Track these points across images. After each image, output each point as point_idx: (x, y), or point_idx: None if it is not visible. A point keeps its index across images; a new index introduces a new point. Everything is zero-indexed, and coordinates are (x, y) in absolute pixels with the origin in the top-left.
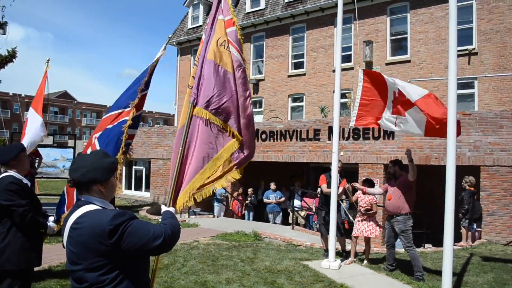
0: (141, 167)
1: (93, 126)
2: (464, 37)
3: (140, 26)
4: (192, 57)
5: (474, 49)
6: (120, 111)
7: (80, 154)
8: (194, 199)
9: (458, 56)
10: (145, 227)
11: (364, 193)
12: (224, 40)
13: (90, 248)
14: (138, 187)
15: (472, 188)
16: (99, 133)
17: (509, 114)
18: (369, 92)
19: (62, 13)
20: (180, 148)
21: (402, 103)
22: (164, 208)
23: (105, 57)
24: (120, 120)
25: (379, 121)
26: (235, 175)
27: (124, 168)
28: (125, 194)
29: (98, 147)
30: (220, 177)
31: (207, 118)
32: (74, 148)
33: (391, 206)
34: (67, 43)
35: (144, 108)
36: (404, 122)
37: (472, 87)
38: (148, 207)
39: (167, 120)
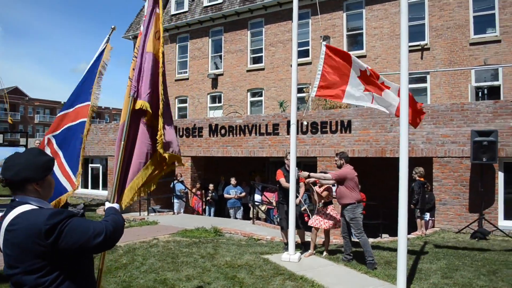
0: (98, 165)
1: (47, 123)
2: (417, 32)
3: (96, 19)
4: None
5: (426, 44)
6: (76, 107)
7: (15, 153)
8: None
9: (411, 51)
10: (84, 224)
11: (315, 184)
12: (157, 31)
13: (27, 250)
14: (95, 186)
15: (422, 179)
16: (56, 132)
17: (459, 107)
18: (330, 66)
19: (11, 4)
20: (122, 142)
21: (376, 83)
22: (108, 205)
23: (58, 52)
24: (80, 120)
25: (344, 99)
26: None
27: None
28: (82, 192)
29: (56, 147)
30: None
31: (150, 111)
32: (26, 146)
33: (338, 197)
34: (17, 36)
35: (100, 104)
36: (380, 101)
37: (425, 81)
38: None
39: None
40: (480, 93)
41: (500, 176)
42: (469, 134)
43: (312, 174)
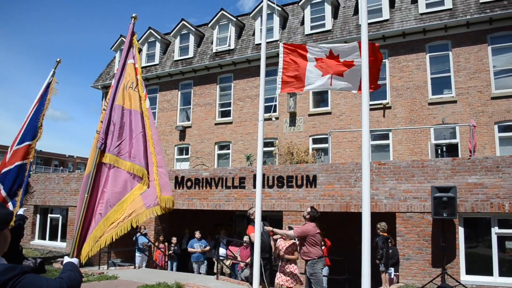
0: (58, 215)
1: None
2: (379, 92)
3: (63, 65)
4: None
5: (388, 103)
6: (18, 147)
7: None
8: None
9: (374, 109)
10: (38, 282)
11: (274, 234)
12: (132, 82)
13: None
14: (53, 237)
15: (385, 234)
16: None
17: (419, 164)
18: (289, 62)
19: None
20: (86, 195)
21: (337, 65)
22: (66, 259)
23: (21, 98)
24: (19, 162)
25: (304, 88)
26: (143, 216)
27: (38, 216)
28: (39, 244)
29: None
30: (123, 221)
31: (117, 165)
32: None
33: (301, 252)
34: None
35: (64, 152)
36: (340, 81)
37: (387, 138)
38: (63, 259)
39: None
40: (439, 150)
41: (460, 231)
42: (429, 190)
43: (275, 230)
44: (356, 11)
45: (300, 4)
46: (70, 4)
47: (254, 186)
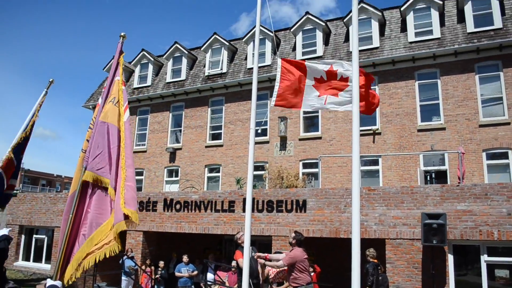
0: (43, 236)
1: None
2: (369, 118)
3: (56, 85)
4: None
5: (378, 129)
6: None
7: None
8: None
9: (364, 135)
10: None
11: (266, 259)
12: (114, 97)
13: None
14: (37, 258)
15: (375, 260)
16: None
17: (409, 190)
18: (287, 79)
19: None
20: (70, 216)
21: (334, 84)
22: (49, 282)
23: (9, 114)
24: None
25: (302, 107)
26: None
27: (23, 236)
28: (23, 265)
29: None
30: (108, 243)
31: (97, 182)
32: None
33: (289, 278)
34: None
35: (52, 172)
36: (335, 102)
37: (377, 164)
38: (46, 282)
39: None
40: (428, 176)
41: (450, 259)
42: (419, 217)
43: (267, 258)
44: (347, 38)
45: (292, 30)
46: (63, 23)
47: (244, 210)
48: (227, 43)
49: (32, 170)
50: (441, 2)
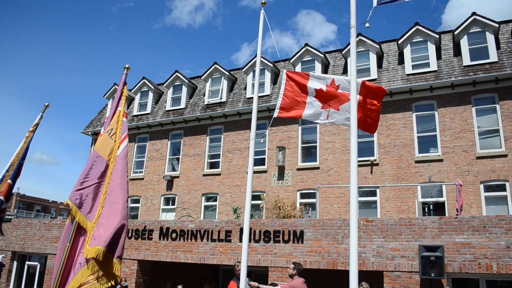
0: (36, 263)
1: None
2: (366, 149)
3: (53, 110)
4: None
5: (375, 160)
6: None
7: None
8: None
9: (362, 166)
10: None
11: None
12: (112, 128)
13: None
14: (29, 286)
15: None
16: None
17: (407, 222)
18: (290, 90)
19: None
20: (67, 244)
21: (335, 97)
22: None
23: (9, 140)
24: None
25: (303, 116)
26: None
27: (15, 262)
28: None
29: None
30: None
31: (75, 214)
32: None
33: None
34: None
35: (47, 198)
36: (337, 115)
37: (375, 195)
38: None
39: None
40: (426, 208)
41: None
42: (417, 249)
43: (262, 286)
44: (345, 70)
45: (291, 61)
46: (64, 48)
47: (240, 240)
48: (227, 73)
49: (28, 196)
50: (437, 36)
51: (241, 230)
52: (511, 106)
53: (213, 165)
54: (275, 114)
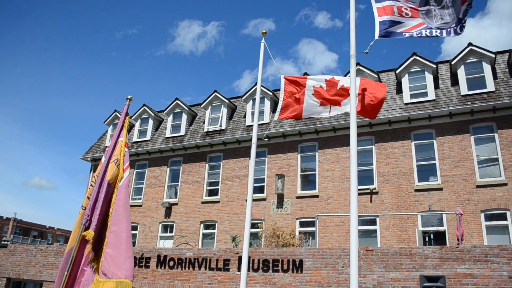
0: None
1: None
2: (366, 177)
3: (55, 136)
4: None
5: (375, 188)
6: None
7: None
8: None
9: (361, 194)
10: None
11: None
12: (117, 158)
13: None
14: None
15: None
16: None
17: (407, 251)
18: (289, 92)
19: None
20: (66, 273)
21: (336, 93)
22: None
23: (7, 164)
24: None
25: (303, 115)
26: None
27: None
28: None
29: None
30: None
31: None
32: None
33: None
34: None
35: (44, 223)
36: (339, 109)
37: (375, 224)
38: None
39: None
40: (427, 237)
41: None
42: (418, 279)
43: None
44: None
45: None
46: (64, 73)
47: (239, 269)
48: (227, 101)
49: (24, 221)
50: (434, 66)
51: (240, 258)
52: (509, 135)
53: (212, 193)
54: (276, 117)
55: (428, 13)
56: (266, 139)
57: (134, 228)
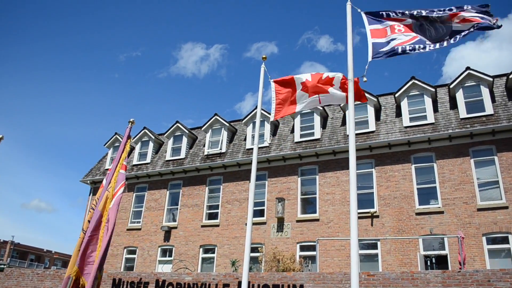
0: None
1: None
2: (366, 200)
3: (55, 158)
4: None
5: (375, 212)
6: None
7: None
8: None
9: (362, 217)
10: None
11: None
12: (111, 187)
13: None
14: None
15: None
16: None
17: (409, 276)
18: (280, 93)
19: None
20: None
21: (322, 82)
22: None
23: (7, 186)
24: None
25: (296, 110)
26: None
27: None
28: None
29: None
30: None
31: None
32: None
33: None
34: None
35: (42, 247)
36: (327, 97)
37: (376, 248)
38: None
39: (68, 262)
40: (428, 261)
41: None
42: None
43: None
44: (343, 122)
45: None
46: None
47: None
48: (227, 124)
49: (22, 244)
50: (433, 89)
51: (240, 283)
52: (509, 157)
53: (212, 216)
54: (271, 118)
55: (421, 27)
56: (267, 143)
57: (133, 252)
